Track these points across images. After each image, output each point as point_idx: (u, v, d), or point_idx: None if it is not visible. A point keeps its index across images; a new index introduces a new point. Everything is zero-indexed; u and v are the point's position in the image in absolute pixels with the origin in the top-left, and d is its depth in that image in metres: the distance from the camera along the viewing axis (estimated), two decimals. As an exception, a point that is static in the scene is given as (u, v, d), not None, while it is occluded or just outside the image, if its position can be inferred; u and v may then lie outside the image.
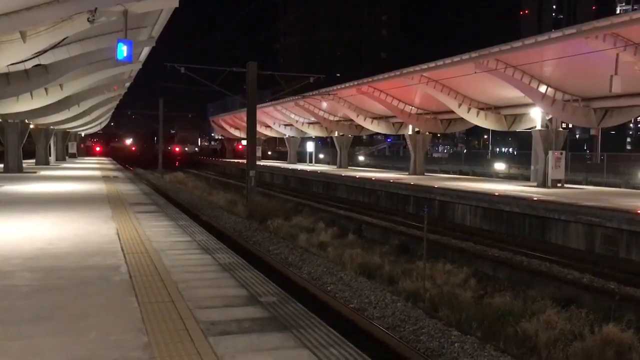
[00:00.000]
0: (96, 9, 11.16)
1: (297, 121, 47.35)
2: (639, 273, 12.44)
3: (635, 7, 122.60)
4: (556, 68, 20.78)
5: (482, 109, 26.79)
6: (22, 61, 14.71)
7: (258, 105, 28.47)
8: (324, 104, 38.62)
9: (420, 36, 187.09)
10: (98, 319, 5.11)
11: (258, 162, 29.21)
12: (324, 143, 68.05)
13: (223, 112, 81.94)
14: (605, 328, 8.41)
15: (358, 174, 32.76)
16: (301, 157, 55.87)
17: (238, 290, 6.28)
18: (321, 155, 59.02)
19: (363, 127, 38.22)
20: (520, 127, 27.06)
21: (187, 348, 4.43)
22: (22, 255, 7.85)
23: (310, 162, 51.84)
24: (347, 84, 33.45)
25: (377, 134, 48.43)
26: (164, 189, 30.74)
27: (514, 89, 22.28)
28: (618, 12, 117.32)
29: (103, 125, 64.97)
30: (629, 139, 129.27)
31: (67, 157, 52.23)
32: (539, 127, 23.78)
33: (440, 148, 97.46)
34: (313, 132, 47.70)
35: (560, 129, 23.67)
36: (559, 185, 23.13)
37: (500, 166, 38.56)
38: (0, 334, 4.63)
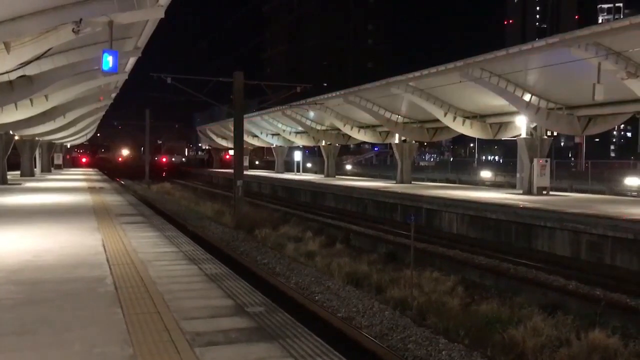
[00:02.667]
0: (81, 19, 11.12)
1: (284, 130, 47.39)
2: (624, 279, 12.57)
3: (616, 17, 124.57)
4: (540, 76, 21.02)
5: (467, 117, 27.00)
6: (6, 72, 14.59)
7: (245, 115, 28.47)
8: (311, 114, 38.72)
9: (406, 46, 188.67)
10: (83, 331, 5.06)
11: (245, 172, 29.16)
12: (311, 152, 68.11)
13: (210, 122, 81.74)
14: (592, 334, 8.47)
15: (345, 183, 32.80)
16: (289, 166, 55.85)
17: (225, 301, 6.25)
18: (309, 165, 59.03)
19: (350, 136, 38.33)
20: (506, 135, 27.29)
21: (173, 359, 4.40)
22: (6, 268, 7.77)
23: (298, 171, 51.85)
24: (334, 93, 33.55)
25: (364, 142, 48.62)
26: (151, 200, 30.55)
27: (499, 97, 22.49)
28: (600, 21, 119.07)
29: (89, 136, 64.53)
30: (612, 147, 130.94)
31: (52, 169, 51.80)
32: (523, 135, 24.00)
33: (427, 156, 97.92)
34: (300, 141, 47.75)
35: (545, 137, 23.90)
36: (544, 192, 23.31)
37: (486, 174, 38.78)
38: (-17, 348, 4.58)
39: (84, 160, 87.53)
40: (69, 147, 70.42)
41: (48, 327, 5.18)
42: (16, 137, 33.44)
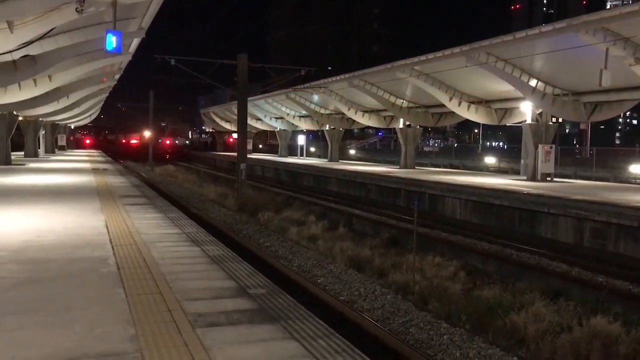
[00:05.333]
0: (85, -1, 11.05)
1: (288, 114, 47.24)
2: (627, 266, 12.56)
3: (624, 2, 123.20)
4: (546, 62, 20.83)
5: (472, 102, 26.83)
6: (10, 51, 14.54)
7: (249, 98, 28.37)
8: (315, 97, 38.54)
9: (412, 30, 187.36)
10: (85, 311, 5.07)
11: (249, 155, 29.10)
12: (315, 136, 67.97)
13: (214, 104, 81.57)
14: (593, 320, 8.47)
15: (349, 167, 32.75)
16: (292, 150, 55.75)
17: (227, 282, 6.25)
18: (312, 149, 58.93)
19: (354, 121, 38.19)
20: (511, 121, 27.13)
21: (175, 340, 4.40)
22: (9, 247, 7.78)
23: (302, 155, 51.75)
24: (338, 77, 33.36)
25: (368, 127, 48.45)
26: (154, 182, 30.60)
27: (505, 82, 22.31)
28: (608, 7, 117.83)
29: (93, 117, 64.44)
30: (617, 134, 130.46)
31: (56, 150, 51.83)
32: (529, 121, 23.86)
33: (431, 142, 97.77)
34: (304, 125, 47.61)
35: (550, 123, 23.77)
36: (548, 179, 23.24)
37: (490, 160, 38.68)
38: (-14, 326, 4.58)
39: (87, 141, 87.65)
40: (72, 128, 70.37)
41: (50, 306, 5.18)
42: (20, 118, 33.40)
